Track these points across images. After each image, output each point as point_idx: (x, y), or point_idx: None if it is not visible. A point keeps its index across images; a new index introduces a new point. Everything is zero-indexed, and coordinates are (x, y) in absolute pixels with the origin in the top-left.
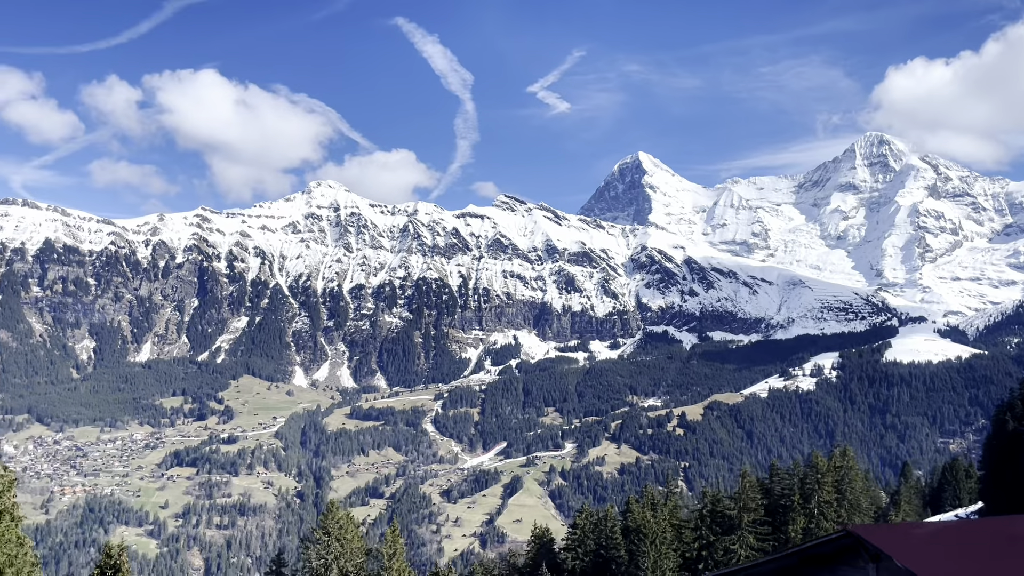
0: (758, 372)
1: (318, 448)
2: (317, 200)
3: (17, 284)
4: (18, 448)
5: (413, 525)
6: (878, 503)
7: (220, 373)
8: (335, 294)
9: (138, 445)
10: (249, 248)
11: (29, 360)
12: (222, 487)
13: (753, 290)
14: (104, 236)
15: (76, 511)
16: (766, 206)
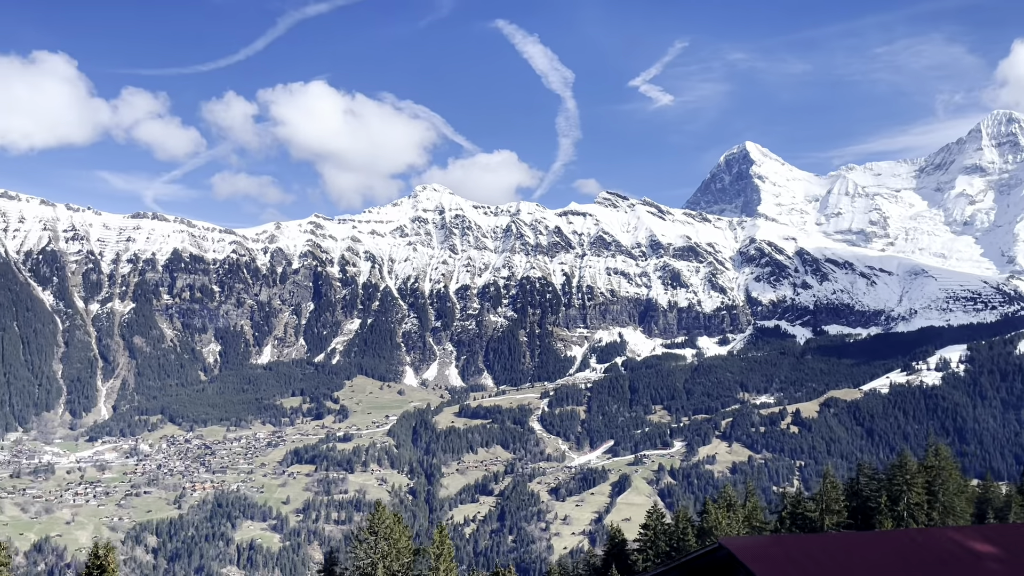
0: (878, 367)
1: (428, 446)
2: (423, 204)
3: (150, 293)
4: (153, 447)
5: (522, 523)
6: (995, 504)
7: (335, 374)
8: (442, 295)
9: (261, 443)
10: (360, 252)
11: (161, 364)
12: (339, 484)
13: (871, 281)
14: (226, 245)
15: (206, 506)
16: (884, 192)
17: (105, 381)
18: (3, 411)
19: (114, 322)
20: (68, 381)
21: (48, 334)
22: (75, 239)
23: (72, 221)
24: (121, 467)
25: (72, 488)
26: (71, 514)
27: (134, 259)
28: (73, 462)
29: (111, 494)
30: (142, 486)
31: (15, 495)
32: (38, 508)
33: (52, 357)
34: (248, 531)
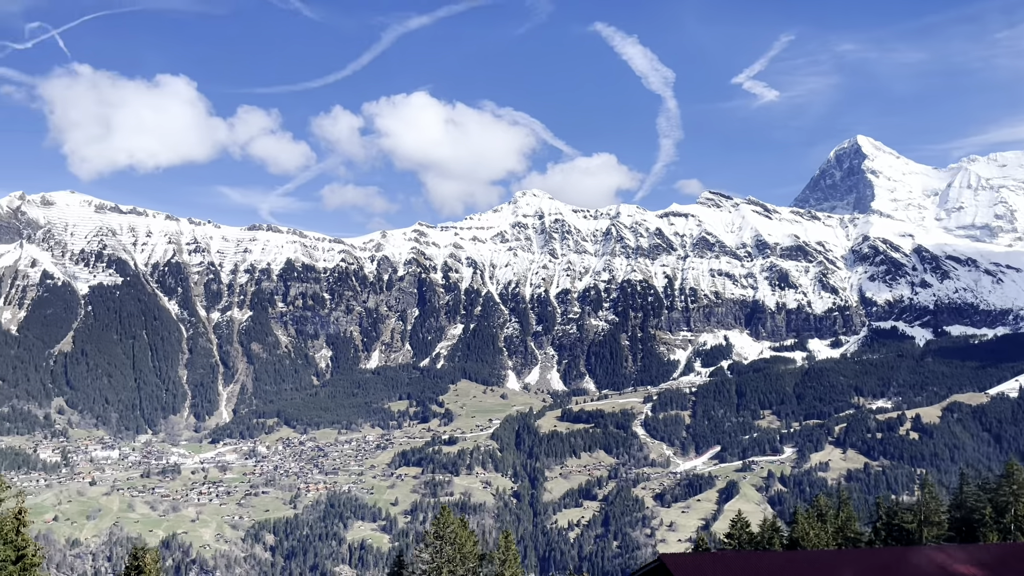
0: (1006, 369)
1: (531, 450)
2: (522, 209)
3: (265, 301)
4: (270, 448)
5: (627, 528)
6: None
7: (440, 378)
8: (542, 299)
9: (370, 446)
10: (462, 259)
11: (277, 369)
12: (445, 486)
13: (997, 279)
14: (336, 254)
15: (319, 507)
16: (1011, 184)
17: (226, 386)
18: (134, 414)
19: (233, 329)
20: (192, 386)
21: (174, 342)
22: (197, 251)
23: (194, 234)
24: (241, 468)
25: (196, 488)
26: (196, 512)
27: (251, 269)
28: (197, 463)
29: (232, 493)
30: (260, 486)
31: (145, 494)
32: (166, 506)
33: (178, 363)
34: (359, 531)
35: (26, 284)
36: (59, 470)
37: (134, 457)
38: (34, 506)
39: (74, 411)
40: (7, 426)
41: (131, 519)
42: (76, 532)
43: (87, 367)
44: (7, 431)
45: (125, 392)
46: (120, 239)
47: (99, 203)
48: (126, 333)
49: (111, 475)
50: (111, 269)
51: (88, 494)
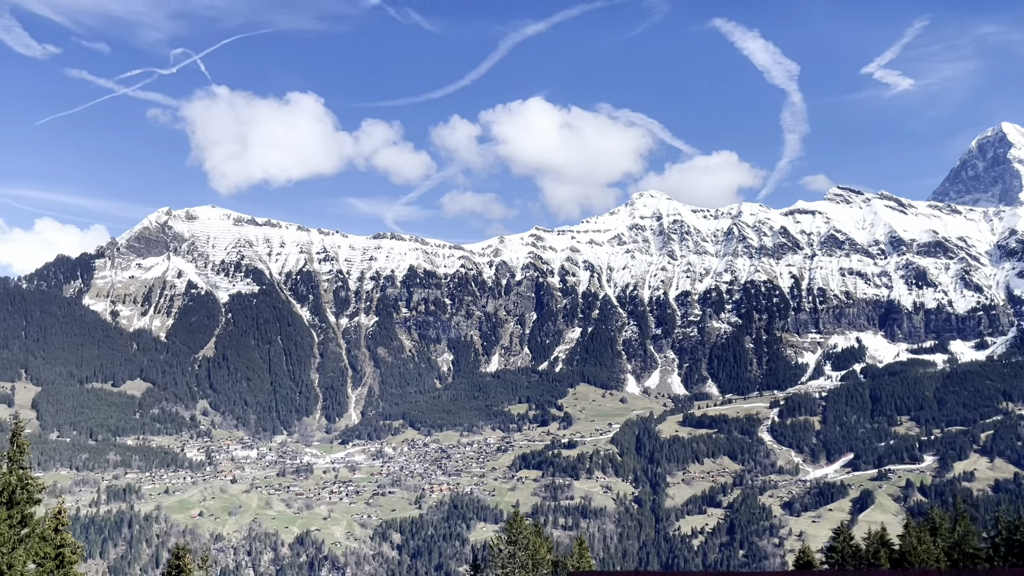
0: None
1: (652, 455)
2: (640, 211)
3: (390, 307)
4: (395, 450)
5: (753, 537)
6: None
7: (559, 381)
8: (661, 302)
9: (491, 448)
10: (579, 262)
11: (401, 372)
12: (565, 489)
13: None
14: (455, 260)
15: (443, 507)
16: None
17: (354, 389)
18: (271, 416)
19: (360, 334)
20: (323, 389)
21: (306, 347)
22: (326, 260)
23: (323, 244)
24: (369, 468)
25: (328, 487)
26: (327, 510)
27: (376, 276)
28: (328, 463)
29: (361, 493)
30: (387, 486)
31: (281, 492)
32: (300, 504)
33: (310, 367)
34: (482, 532)
35: (173, 294)
36: (204, 468)
37: (271, 457)
38: (182, 502)
39: (217, 413)
40: (157, 427)
41: (268, 516)
42: (219, 527)
43: (228, 371)
44: (157, 431)
45: (262, 395)
46: (256, 250)
47: (237, 216)
48: (263, 339)
49: (250, 473)
50: (248, 278)
51: (230, 491)
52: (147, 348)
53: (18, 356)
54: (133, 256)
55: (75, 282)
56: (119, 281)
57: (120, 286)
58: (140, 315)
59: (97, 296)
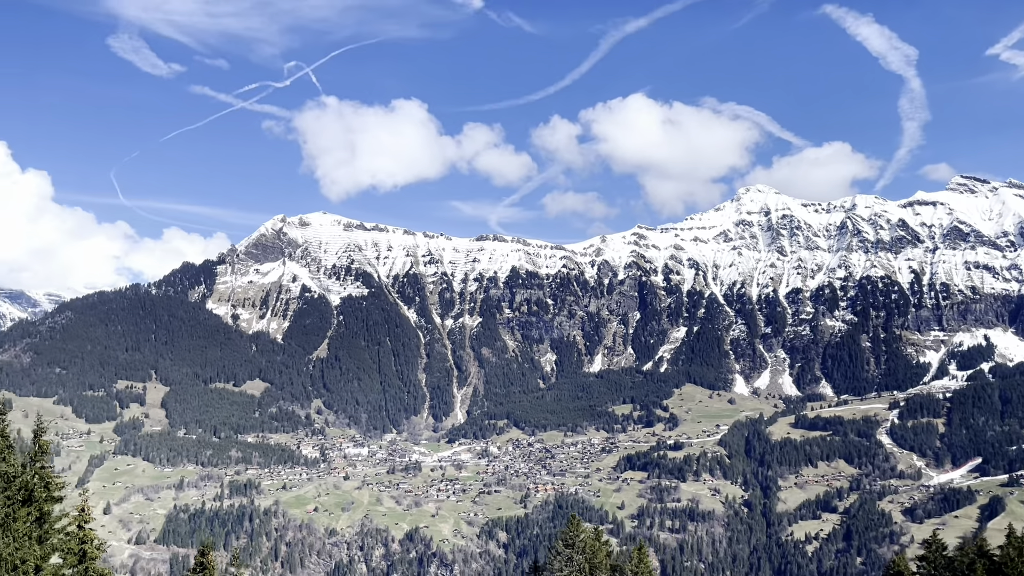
0: None
1: (763, 457)
2: (746, 206)
3: (493, 308)
4: (500, 449)
5: (872, 544)
6: None
7: (664, 382)
8: (771, 300)
9: (595, 449)
10: (683, 260)
11: (505, 372)
12: (671, 492)
13: None
14: (557, 260)
15: (547, 507)
16: None
17: (460, 388)
18: (381, 415)
19: (465, 335)
20: (430, 388)
21: (413, 347)
22: (431, 262)
23: (428, 247)
24: (475, 467)
25: (435, 484)
26: (435, 508)
27: (479, 278)
28: (436, 461)
29: (467, 491)
30: (492, 485)
31: (391, 489)
32: (409, 501)
33: (417, 368)
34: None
35: (288, 297)
36: (318, 465)
37: (381, 454)
38: (298, 497)
39: (330, 411)
40: (275, 425)
41: (379, 512)
42: (333, 522)
43: (340, 371)
44: (275, 429)
45: (372, 394)
46: (365, 254)
47: (347, 222)
48: (372, 340)
49: (362, 471)
50: (358, 282)
51: (343, 488)
52: (265, 349)
53: (148, 358)
54: (251, 262)
55: (199, 287)
56: (239, 286)
57: (240, 290)
58: (258, 318)
59: (219, 300)
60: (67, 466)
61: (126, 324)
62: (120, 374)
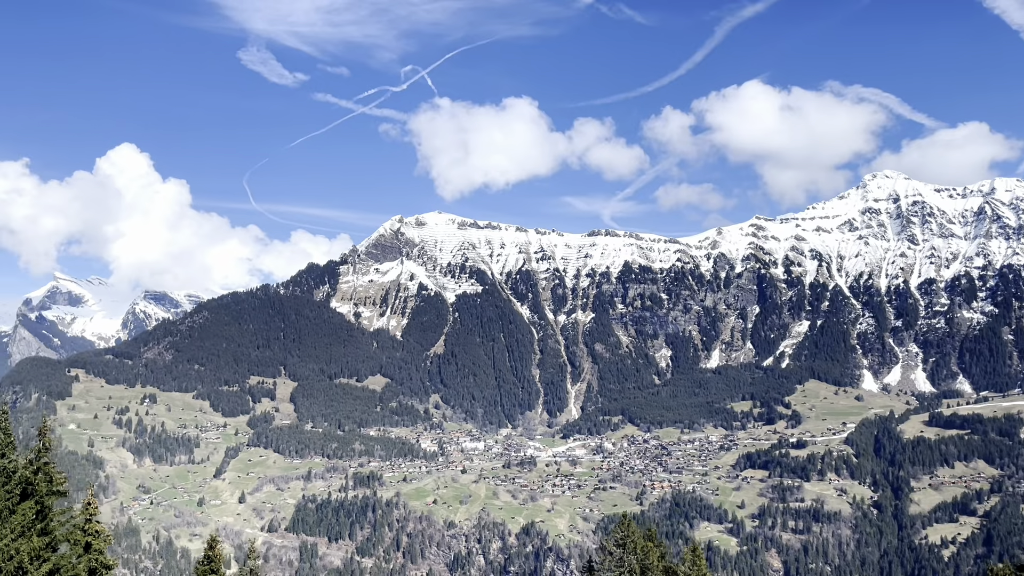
0: None
1: (893, 457)
2: (873, 193)
3: (606, 303)
4: (615, 445)
5: (1015, 550)
6: None
7: (785, 378)
8: (901, 291)
9: (713, 446)
10: (804, 251)
11: (619, 368)
12: (794, 491)
13: None
14: (671, 254)
15: (664, 504)
16: None
17: (573, 384)
18: (496, 410)
19: (578, 331)
20: (544, 384)
21: (527, 343)
22: (543, 259)
23: (541, 243)
24: (589, 463)
25: (550, 480)
26: (551, 503)
27: (592, 273)
28: (550, 456)
29: (582, 487)
30: (607, 481)
31: (507, 483)
32: (524, 496)
33: (531, 363)
34: (706, 532)
35: (406, 296)
36: (436, 459)
37: (496, 449)
38: (418, 489)
39: (447, 406)
40: (396, 419)
41: (495, 506)
42: (451, 515)
43: (456, 367)
44: (395, 423)
45: (488, 389)
46: (479, 252)
47: (461, 220)
48: (487, 336)
49: (478, 464)
50: (472, 279)
51: (460, 481)
52: (385, 346)
53: (278, 355)
54: (371, 261)
55: (323, 287)
56: (360, 285)
57: (361, 289)
58: (378, 316)
59: (342, 299)
60: (205, 457)
61: (257, 323)
62: (252, 370)
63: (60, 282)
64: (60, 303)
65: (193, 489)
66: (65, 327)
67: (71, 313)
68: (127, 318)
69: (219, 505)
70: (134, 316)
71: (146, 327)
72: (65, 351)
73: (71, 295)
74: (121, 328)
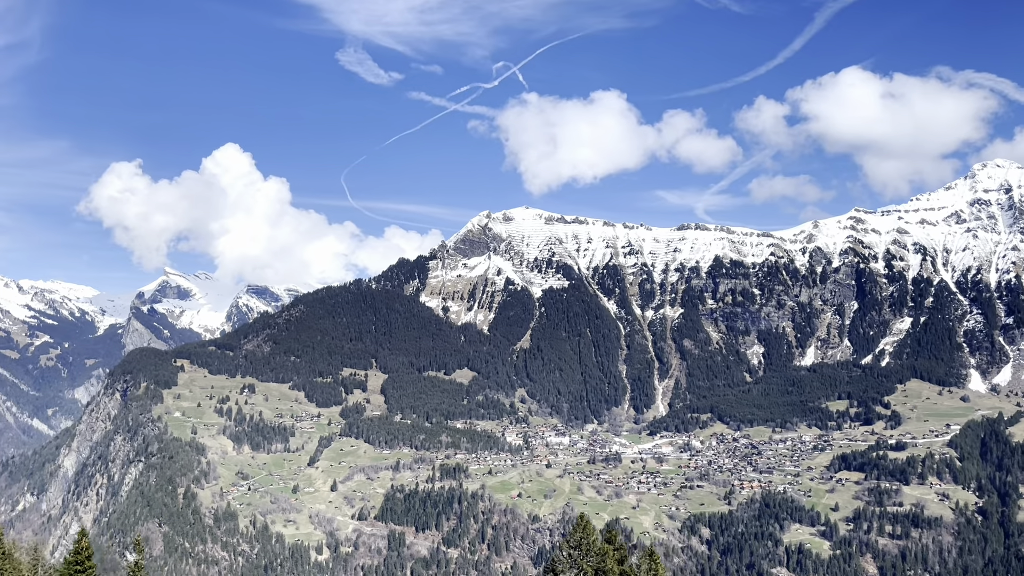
0: None
1: (1001, 461)
2: (983, 183)
3: (695, 298)
4: (704, 443)
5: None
6: None
7: (885, 377)
8: (1013, 287)
9: (806, 446)
10: (907, 245)
11: (708, 365)
12: (892, 495)
13: None
14: (764, 248)
15: (753, 505)
16: None
17: (661, 380)
18: (582, 405)
19: (666, 327)
20: (631, 380)
21: (613, 339)
22: (631, 253)
23: (628, 238)
24: (676, 460)
25: (636, 476)
26: (635, 500)
27: (680, 268)
28: (636, 453)
29: (668, 485)
30: (695, 480)
31: (591, 479)
32: (609, 492)
33: (617, 359)
34: (796, 534)
35: (494, 290)
36: (521, 452)
37: (582, 444)
38: (503, 483)
39: (533, 401)
40: (481, 412)
41: (580, 501)
42: (536, 509)
43: (542, 362)
44: (481, 416)
45: (573, 384)
46: (565, 246)
47: (548, 215)
48: (573, 331)
49: (563, 459)
50: (559, 274)
51: (545, 475)
52: (472, 340)
53: (370, 347)
54: (459, 257)
55: (413, 282)
56: (448, 280)
57: (449, 284)
58: (466, 310)
59: (431, 294)
60: (300, 446)
61: (350, 316)
62: (345, 362)
63: (170, 277)
64: (170, 297)
65: (288, 476)
66: (174, 319)
67: (179, 306)
68: (231, 311)
69: (312, 493)
70: (237, 309)
71: (248, 320)
72: (174, 342)
73: (180, 289)
74: (225, 320)
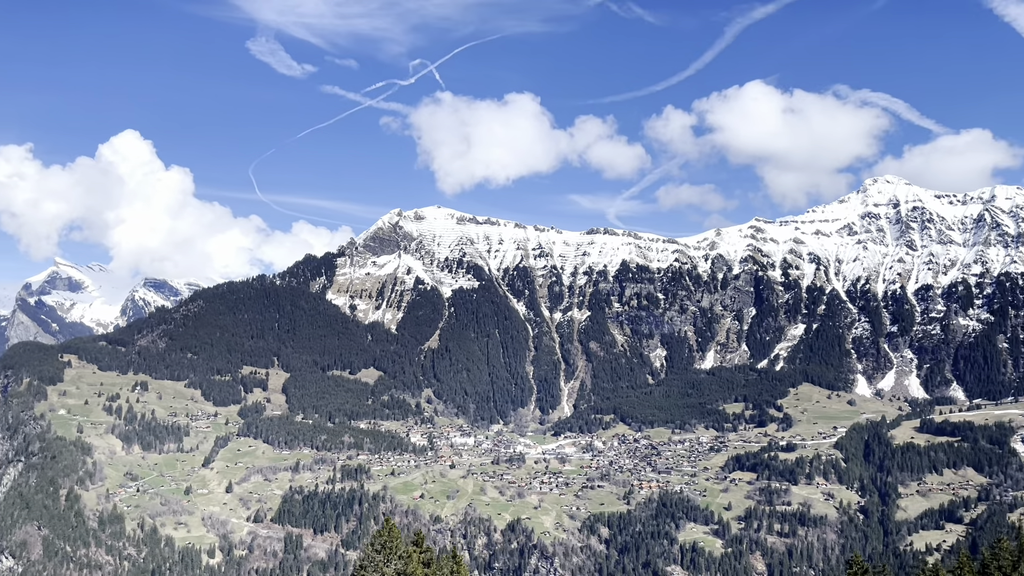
0: None
1: (882, 462)
2: (873, 198)
3: (602, 301)
4: (606, 444)
5: None
6: None
7: (778, 380)
8: (898, 297)
9: (703, 447)
10: (803, 255)
11: (613, 367)
12: (781, 494)
13: None
14: (669, 255)
15: (651, 504)
16: None
17: (567, 382)
18: (488, 406)
19: (573, 329)
20: (537, 381)
21: (521, 340)
22: (541, 256)
23: (539, 240)
24: (579, 461)
25: (539, 477)
26: (538, 500)
27: (589, 271)
28: (540, 453)
29: (570, 485)
30: (596, 480)
31: (495, 479)
32: (512, 492)
33: (525, 360)
34: (691, 533)
35: (403, 289)
36: (426, 453)
37: (487, 445)
38: (406, 484)
39: (439, 401)
40: (387, 412)
41: (483, 501)
42: (438, 509)
43: (450, 362)
44: (387, 416)
45: (481, 385)
46: (477, 247)
47: (460, 215)
48: (481, 332)
49: (467, 460)
50: (469, 274)
51: (448, 476)
52: (379, 339)
53: (272, 345)
54: (369, 254)
55: (320, 279)
56: (356, 277)
57: (358, 282)
58: (374, 309)
59: (338, 291)
60: (195, 446)
61: (252, 312)
62: (246, 360)
63: (60, 267)
64: (60, 288)
65: (181, 478)
66: (64, 312)
67: (70, 299)
68: (126, 305)
69: (206, 494)
70: (133, 303)
71: (145, 314)
72: (63, 336)
73: (71, 281)
74: (120, 315)
